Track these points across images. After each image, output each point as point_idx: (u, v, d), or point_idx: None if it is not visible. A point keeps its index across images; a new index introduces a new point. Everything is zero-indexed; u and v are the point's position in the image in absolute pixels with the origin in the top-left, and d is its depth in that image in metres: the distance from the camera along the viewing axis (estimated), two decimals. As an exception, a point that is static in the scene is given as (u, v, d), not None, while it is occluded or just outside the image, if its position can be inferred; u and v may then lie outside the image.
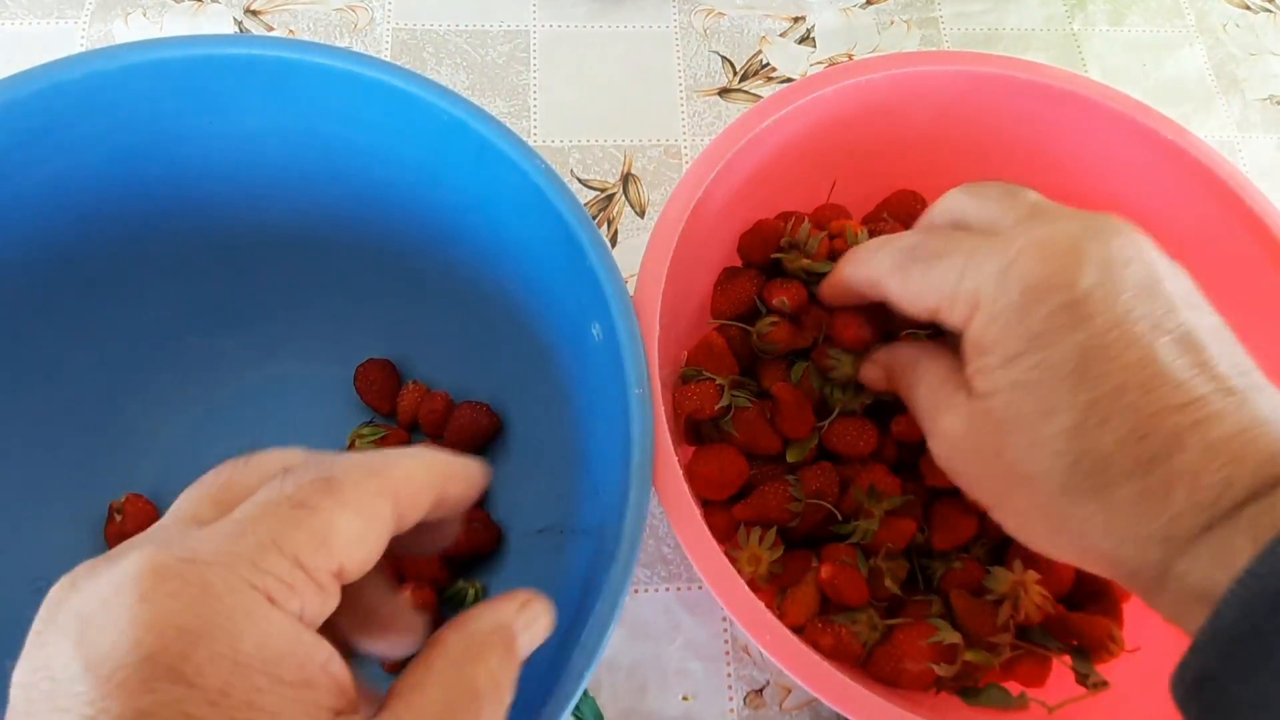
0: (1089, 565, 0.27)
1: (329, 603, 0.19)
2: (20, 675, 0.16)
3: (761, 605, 0.32)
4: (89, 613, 0.15)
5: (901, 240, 0.31)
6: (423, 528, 0.24)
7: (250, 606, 0.16)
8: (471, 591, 0.42)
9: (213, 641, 0.15)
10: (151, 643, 0.14)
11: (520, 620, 0.24)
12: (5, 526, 0.39)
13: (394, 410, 0.45)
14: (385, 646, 0.25)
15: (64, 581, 0.17)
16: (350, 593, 0.21)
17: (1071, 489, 0.25)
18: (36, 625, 0.16)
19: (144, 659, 0.14)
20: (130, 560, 0.16)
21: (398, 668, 0.27)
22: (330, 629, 0.21)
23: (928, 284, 0.28)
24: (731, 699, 0.44)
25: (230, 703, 0.15)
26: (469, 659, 0.22)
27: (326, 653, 0.18)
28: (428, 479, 0.23)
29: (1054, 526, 0.26)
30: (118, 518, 0.40)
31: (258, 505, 0.19)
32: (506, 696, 0.22)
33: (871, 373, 0.36)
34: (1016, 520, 0.28)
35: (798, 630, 0.37)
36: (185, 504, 0.21)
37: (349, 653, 0.25)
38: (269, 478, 0.20)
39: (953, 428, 0.28)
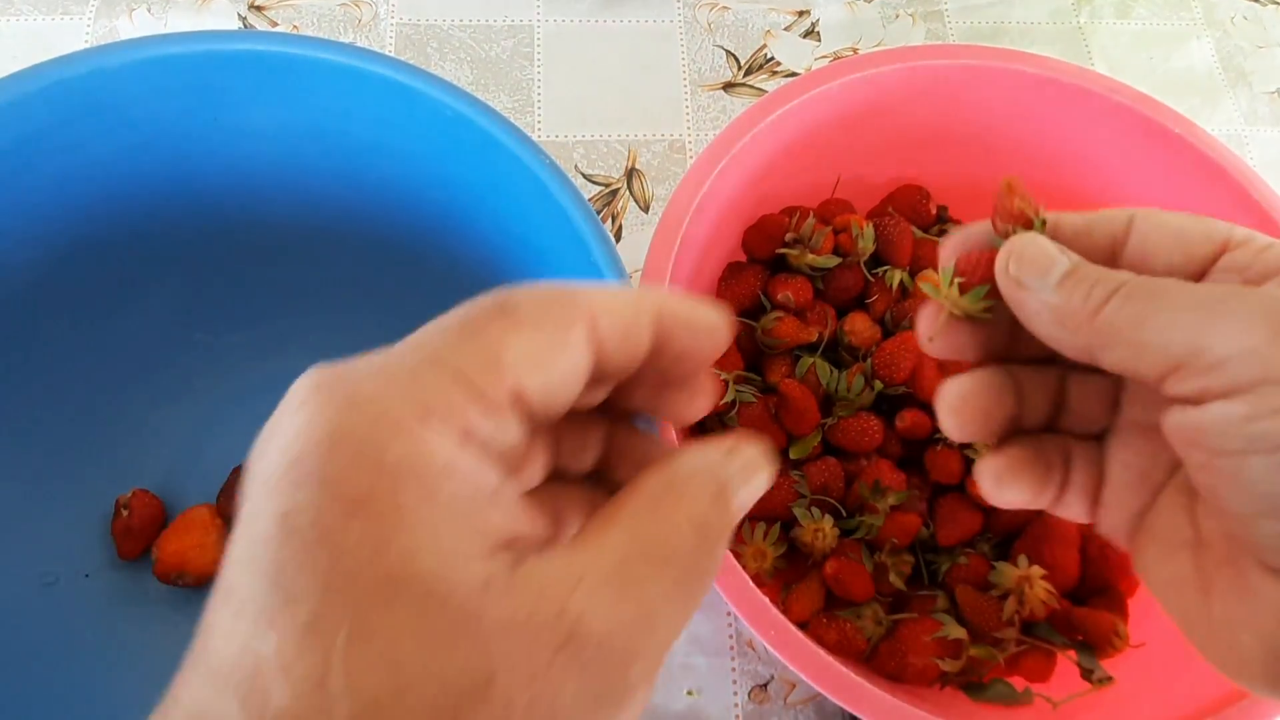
0: None
1: (506, 427, 0.17)
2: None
3: (766, 600, 0.32)
4: (268, 427, 0.17)
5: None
6: (657, 384, 0.21)
7: (398, 417, 0.16)
8: None
9: (357, 446, 0.15)
10: (298, 449, 0.15)
11: (732, 465, 0.20)
12: (13, 521, 0.39)
13: (399, 406, 0.46)
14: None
15: None
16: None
17: None
18: None
19: (291, 463, 0.15)
20: (301, 377, 0.17)
21: None
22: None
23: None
24: (736, 694, 0.44)
25: (370, 510, 0.15)
26: (667, 501, 0.18)
27: (494, 480, 0.17)
28: (634, 312, 0.20)
29: None
30: (124, 512, 0.40)
31: (426, 329, 0.18)
32: (709, 556, 0.18)
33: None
34: None
35: (802, 625, 0.37)
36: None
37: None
38: None
39: None
